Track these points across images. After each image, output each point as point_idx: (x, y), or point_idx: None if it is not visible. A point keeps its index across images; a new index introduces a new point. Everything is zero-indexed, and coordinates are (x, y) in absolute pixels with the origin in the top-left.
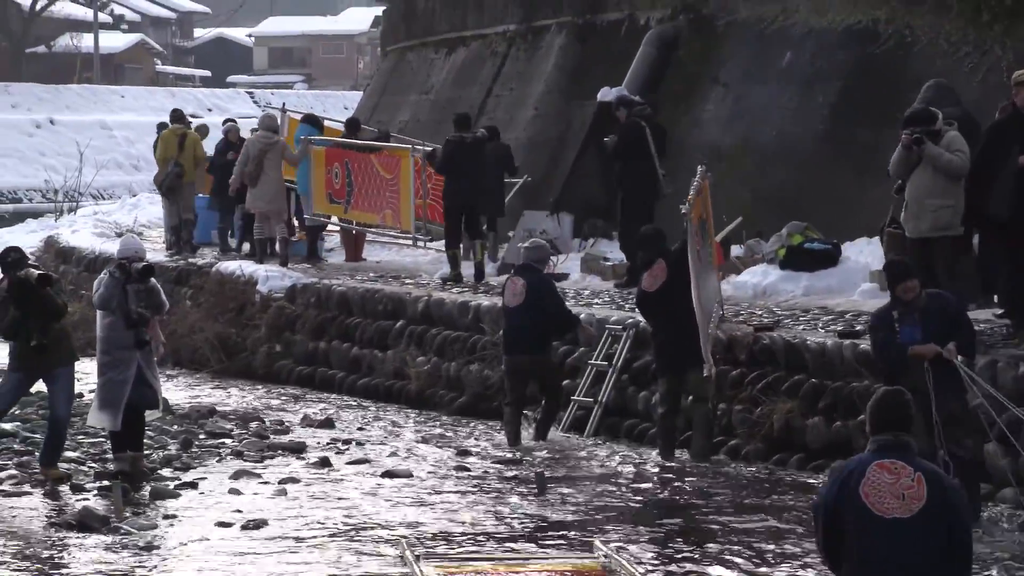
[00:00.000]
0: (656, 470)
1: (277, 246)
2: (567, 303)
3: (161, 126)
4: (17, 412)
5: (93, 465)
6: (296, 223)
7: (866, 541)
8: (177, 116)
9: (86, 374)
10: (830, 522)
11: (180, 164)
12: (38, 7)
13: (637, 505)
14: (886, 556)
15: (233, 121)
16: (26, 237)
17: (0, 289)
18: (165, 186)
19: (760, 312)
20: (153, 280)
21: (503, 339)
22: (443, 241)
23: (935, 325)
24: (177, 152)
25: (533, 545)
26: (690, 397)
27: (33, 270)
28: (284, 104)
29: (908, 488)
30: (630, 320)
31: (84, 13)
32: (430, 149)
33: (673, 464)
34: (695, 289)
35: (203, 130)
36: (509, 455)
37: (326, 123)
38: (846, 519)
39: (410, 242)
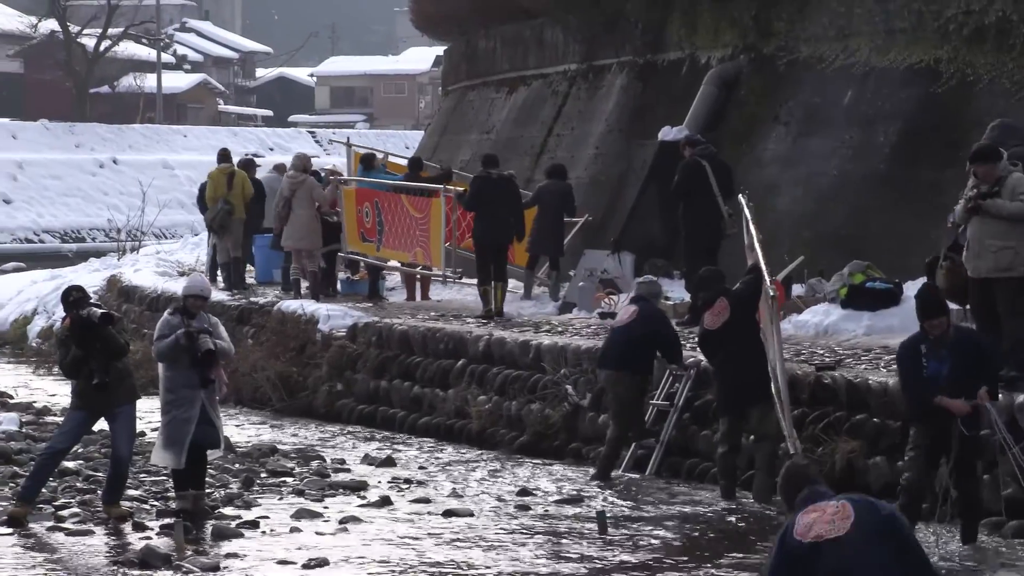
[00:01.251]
0: (718, 510)
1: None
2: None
3: (222, 152)
4: (80, 450)
5: (155, 503)
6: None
7: (823, 568)
8: (224, 155)
9: (148, 412)
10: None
11: (229, 202)
12: (102, 48)
13: (698, 545)
14: (847, 570)
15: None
16: (89, 276)
17: (62, 328)
18: (216, 224)
19: (822, 351)
20: (215, 320)
21: (600, 355)
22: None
23: (962, 361)
24: (226, 190)
25: None
26: (752, 436)
27: (96, 309)
28: (348, 138)
29: (835, 513)
30: (691, 359)
31: (147, 53)
32: (461, 190)
33: (735, 504)
34: (771, 331)
35: (249, 165)
36: (570, 495)
37: (390, 159)
38: (799, 567)
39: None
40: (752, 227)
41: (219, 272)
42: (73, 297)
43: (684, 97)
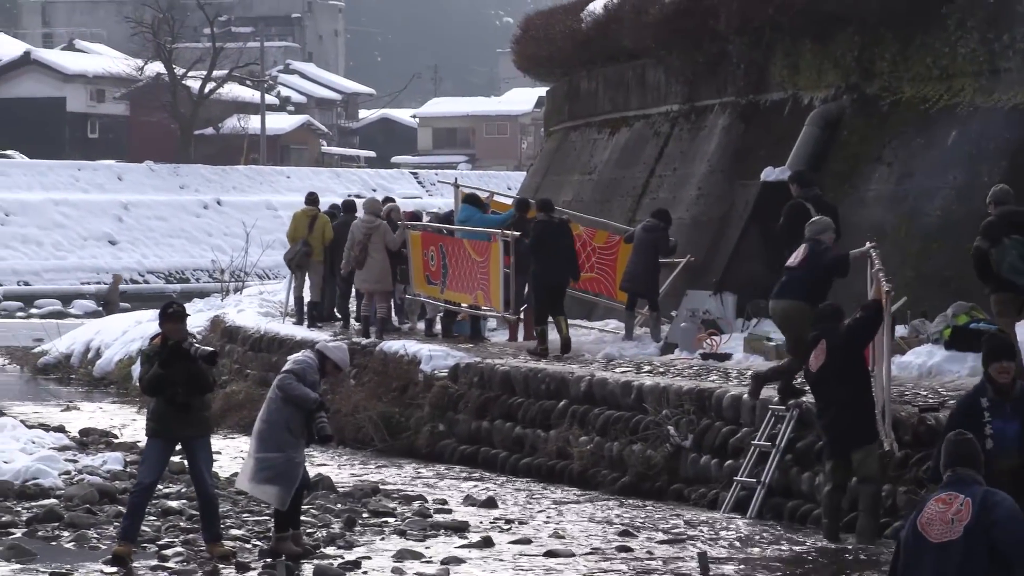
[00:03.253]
0: (821, 551)
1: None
2: (727, 385)
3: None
4: (184, 490)
5: (258, 543)
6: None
7: (916, 565)
8: (311, 199)
9: (239, 450)
10: (897, 553)
11: (309, 243)
12: (207, 90)
13: None
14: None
15: (393, 200)
16: (193, 317)
17: (151, 346)
18: (295, 263)
19: (925, 393)
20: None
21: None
22: (605, 320)
23: None
24: (307, 232)
25: None
26: (855, 478)
27: (203, 347)
28: (456, 179)
29: (957, 513)
30: (793, 400)
31: (251, 95)
32: (518, 234)
33: (838, 546)
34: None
35: (351, 208)
36: (672, 536)
37: (496, 198)
38: (906, 549)
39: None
40: (876, 262)
41: (294, 308)
42: (172, 310)
43: (786, 137)
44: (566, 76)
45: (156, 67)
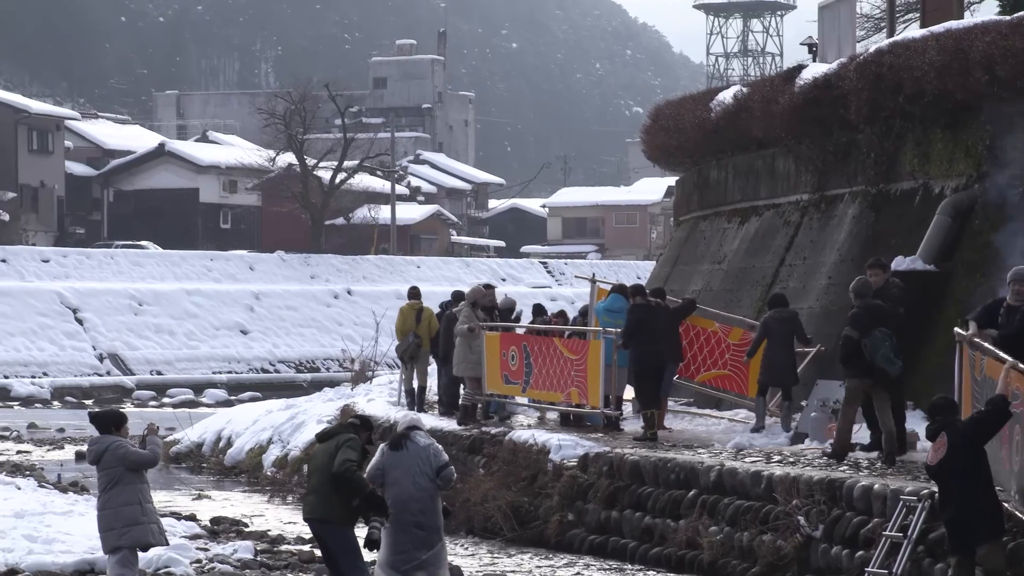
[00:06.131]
0: None
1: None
2: (857, 475)
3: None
4: None
5: None
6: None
7: None
8: (414, 293)
9: None
10: None
11: (418, 335)
12: (338, 180)
13: None
14: None
15: (491, 287)
16: (323, 406)
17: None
18: (407, 355)
19: None
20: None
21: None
22: (735, 410)
23: None
24: (414, 324)
25: None
26: (982, 573)
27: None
28: (594, 274)
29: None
30: (925, 490)
31: (382, 185)
32: (619, 330)
33: None
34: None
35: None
36: None
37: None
38: None
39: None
40: (1000, 354)
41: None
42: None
43: (917, 227)
44: (695, 165)
45: (288, 158)
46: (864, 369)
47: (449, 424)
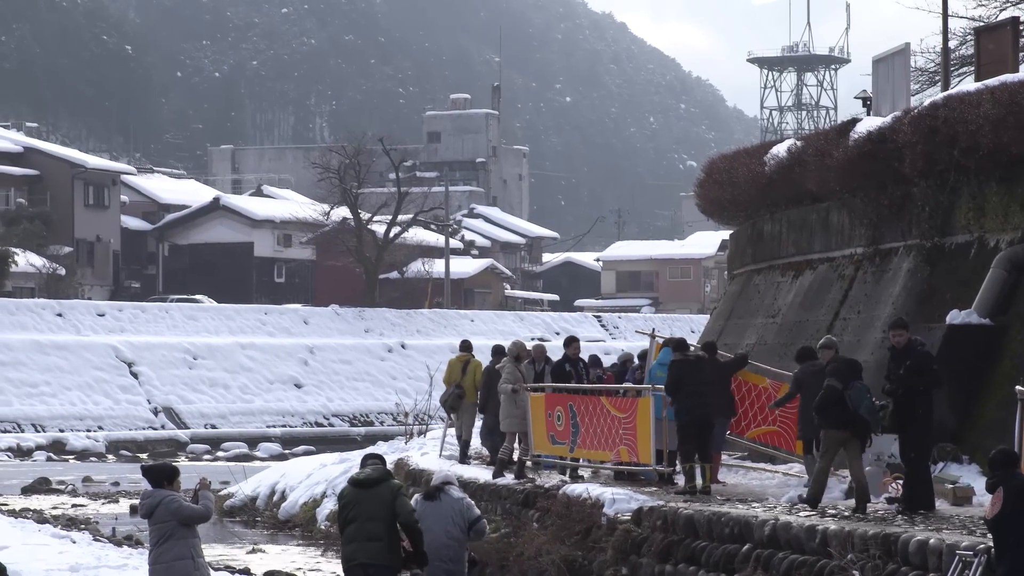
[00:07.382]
0: None
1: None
2: (913, 529)
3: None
4: None
5: None
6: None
7: None
8: (465, 346)
9: None
10: None
11: (461, 386)
12: (392, 234)
13: None
14: None
15: (542, 340)
16: None
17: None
18: (448, 404)
19: None
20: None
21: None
22: (788, 464)
23: None
24: (460, 376)
25: None
26: None
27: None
28: (654, 329)
29: None
30: (981, 545)
31: (436, 239)
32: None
33: None
34: None
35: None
36: None
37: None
38: None
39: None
40: None
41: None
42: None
43: (972, 280)
44: (749, 219)
45: (342, 212)
46: (843, 420)
47: (505, 479)
